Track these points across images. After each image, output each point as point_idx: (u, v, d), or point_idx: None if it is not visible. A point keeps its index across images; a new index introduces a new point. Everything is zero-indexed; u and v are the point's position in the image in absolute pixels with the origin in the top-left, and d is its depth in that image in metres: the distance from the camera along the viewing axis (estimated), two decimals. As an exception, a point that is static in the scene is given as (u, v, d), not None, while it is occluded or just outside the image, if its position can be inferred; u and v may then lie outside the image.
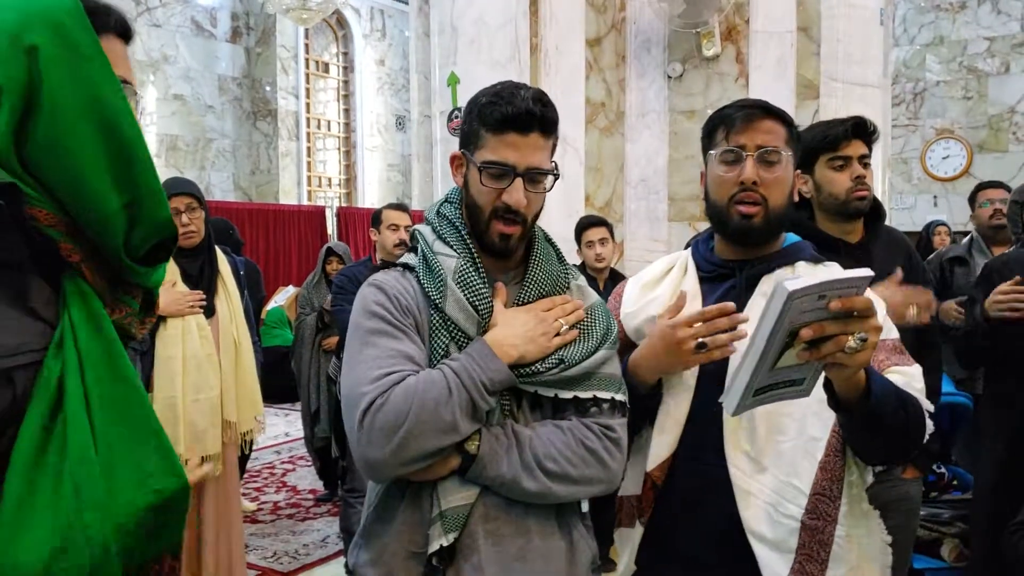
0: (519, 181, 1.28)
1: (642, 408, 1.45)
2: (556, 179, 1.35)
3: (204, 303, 2.84)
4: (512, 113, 1.25)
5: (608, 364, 1.33)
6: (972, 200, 3.86)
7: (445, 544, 1.21)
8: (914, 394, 1.36)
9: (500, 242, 1.30)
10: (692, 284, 1.50)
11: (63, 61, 0.88)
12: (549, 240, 1.42)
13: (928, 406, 1.36)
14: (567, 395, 1.28)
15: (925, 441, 1.49)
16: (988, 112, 9.13)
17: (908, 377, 1.39)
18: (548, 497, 1.25)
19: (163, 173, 7.94)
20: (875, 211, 2.09)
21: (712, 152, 1.48)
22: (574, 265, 3.75)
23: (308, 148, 10.71)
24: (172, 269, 2.86)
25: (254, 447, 4.38)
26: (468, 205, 1.33)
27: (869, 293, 1.27)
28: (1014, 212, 3.13)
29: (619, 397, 1.32)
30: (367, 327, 1.27)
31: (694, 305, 1.47)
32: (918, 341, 2.09)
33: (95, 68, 0.90)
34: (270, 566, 3.77)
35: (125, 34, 1.02)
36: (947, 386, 3.13)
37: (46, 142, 0.89)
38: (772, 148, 1.42)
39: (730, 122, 1.44)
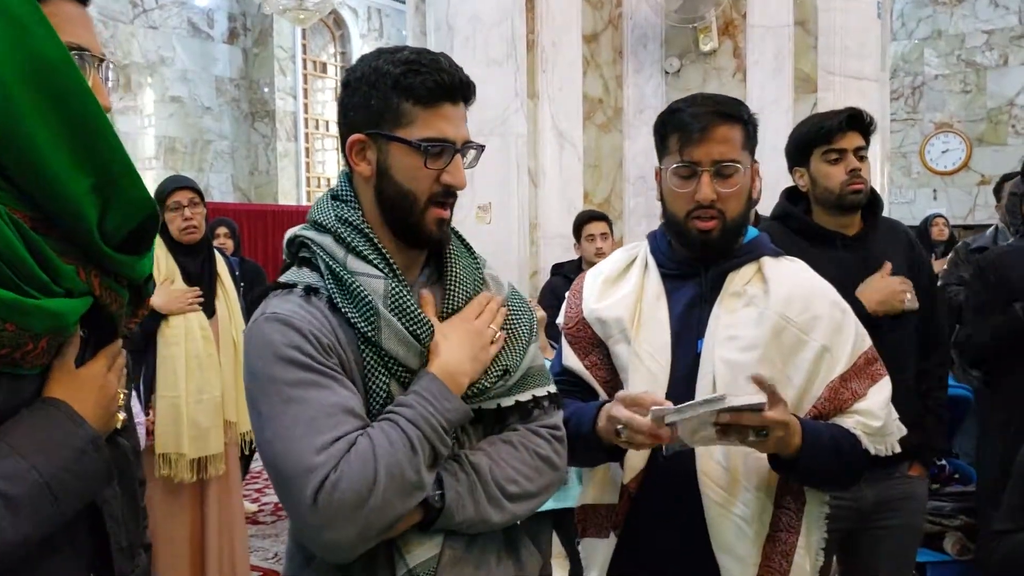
0: (459, 158, 1.14)
1: (607, 459, 1.42)
2: (481, 151, 1.19)
3: (202, 299, 2.86)
4: (448, 82, 1.11)
5: (537, 357, 1.24)
6: (998, 191, 3.90)
7: None
8: (861, 436, 1.36)
9: (438, 229, 1.15)
10: (655, 283, 1.47)
11: (2, 35, 0.80)
12: (454, 229, 1.25)
13: (868, 446, 1.37)
14: (509, 402, 1.18)
15: (933, 439, 1.49)
16: (987, 105, 9.12)
17: (865, 415, 1.37)
18: (512, 521, 1.18)
19: (162, 175, 7.86)
20: (873, 203, 2.07)
21: (665, 162, 1.43)
22: (573, 260, 3.74)
23: (307, 149, 10.69)
24: (171, 267, 2.87)
25: (255, 448, 4.38)
26: (389, 196, 1.13)
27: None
28: (1013, 204, 3.13)
29: (552, 390, 1.24)
30: (286, 378, 1.04)
31: (660, 306, 1.45)
32: (925, 337, 2.08)
33: (38, 38, 0.81)
34: (271, 567, 3.76)
35: None
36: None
37: None
38: (728, 162, 1.37)
39: (684, 132, 1.38)
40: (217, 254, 3.07)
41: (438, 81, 1.10)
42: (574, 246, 3.65)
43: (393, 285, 1.11)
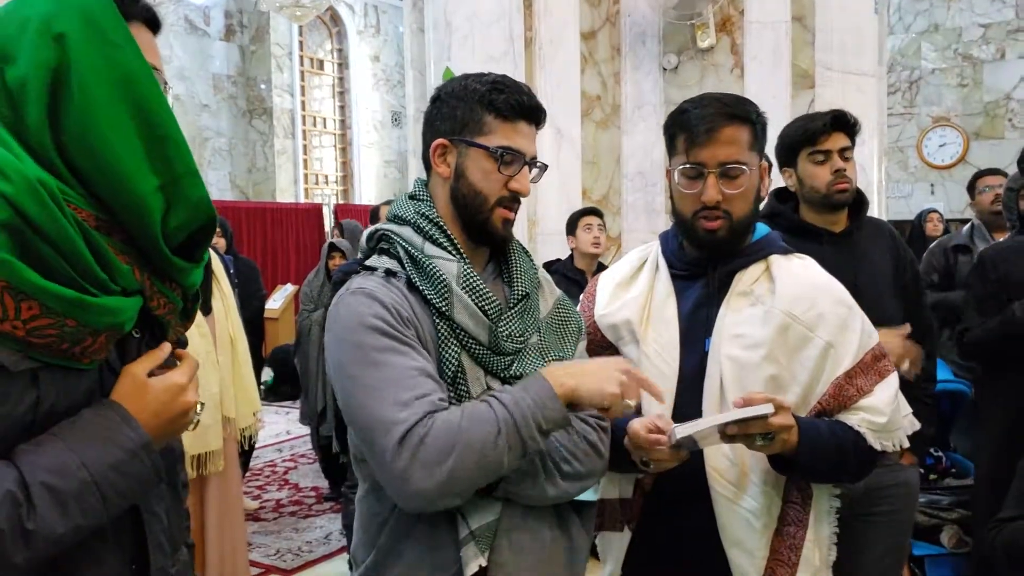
0: (526, 169, 1.28)
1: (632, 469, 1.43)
2: (543, 171, 1.34)
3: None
4: (528, 104, 1.26)
5: (584, 355, 1.37)
6: (971, 188, 3.90)
7: (483, 564, 1.18)
8: (865, 432, 1.37)
9: (504, 228, 1.29)
10: (664, 284, 1.49)
11: (92, 48, 0.89)
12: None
13: (873, 442, 1.38)
14: None
15: (921, 427, 1.52)
16: (984, 99, 9.13)
17: (870, 412, 1.38)
18: (564, 498, 1.26)
19: (159, 173, 7.87)
20: (858, 201, 2.12)
21: (673, 162, 1.44)
22: (565, 259, 3.73)
23: (304, 146, 10.70)
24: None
25: (255, 445, 4.40)
26: (463, 195, 1.27)
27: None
28: (1009, 199, 3.14)
29: None
30: (372, 344, 1.17)
31: (668, 305, 1.47)
32: (913, 328, 2.12)
33: (125, 54, 0.91)
34: (273, 563, 3.78)
35: (152, 23, 1.03)
36: (945, 373, 3.14)
37: (78, 127, 0.89)
38: (734, 163, 1.38)
39: (691, 133, 1.39)
40: (212, 252, 3.09)
41: (519, 100, 1.25)
42: (568, 239, 3.66)
43: (464, 267, 1.24)
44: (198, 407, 1.00)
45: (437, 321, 1.22)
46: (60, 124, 0.89)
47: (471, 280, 1.23)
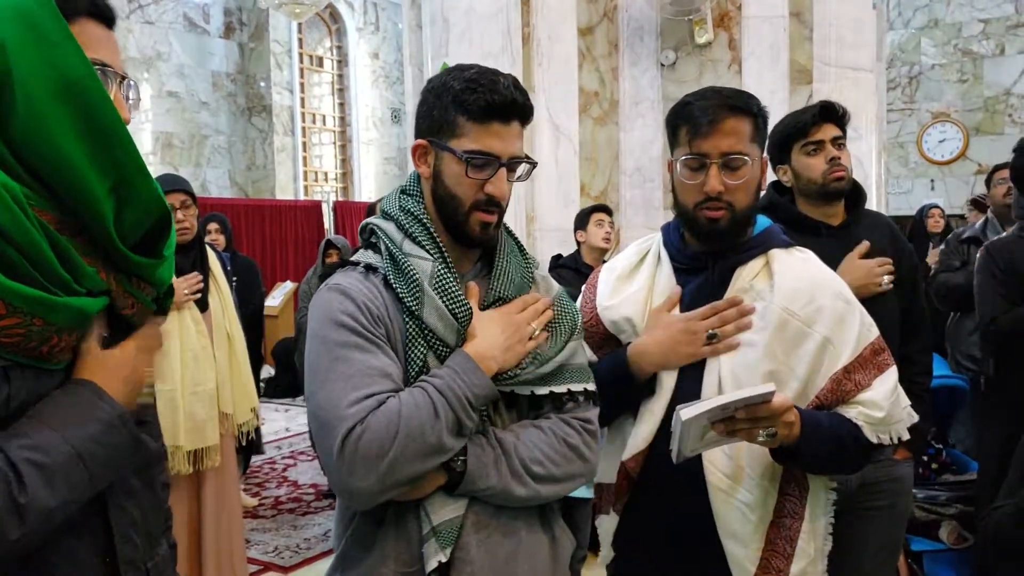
0: (503, 172, 1.24)
1: (633, 399, 1.45)
2: (532, 167, 1.30)
3: (201, 284, 2.88)
4: (498, 102, 1.20)
5: (578, 355, 1.32)
6: (988, 181, 3.93)
7: (444, 560, 1.17)
8: (862, 425, 1.38)
9: (481, 231, 1.25)
10: (667, 277, 1.49)
11: (33, 50, 0.87)
12: (509, 231, 1.37)
13: (870, 436, 1.39)
14: (543, 391, 1.26)
15: (918, 423, 1.52)
16: (984, 95, 9.13)
17: (867, 406, 1.39)
18: (537, 500, 1.24)
19: (158, 170, 7.87)
20: (856, 193, 2.12)
21: (676, 153, 1.45)
22: (571, 254, 3.75)
23: (303, 143, 10.69)
24: (165, 264, 2.89)
25: (252, 440, 4.39)
26: (440, 196, 1.25)
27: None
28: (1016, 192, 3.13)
29: (590, 387, 1.31)
30: (336, 339, 1.17)
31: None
32: (907, 324, 2.12)
33: (64, 53, 0.89)
34: (272, 560, 3.78)
35: (103, 17, 1.01)
36: (943, 368, 3.14)
37: (27, 133, 0.88)
38: (736, 154, 1.38)
39: (694, 124, 1.40)
40: (208, 250, 3.09)
41: (490, 101, 1.20)
42: (577, 234, 3.66)
43: (439, 268, 1.23)
44: (147, 374, 1.02)
45: (407, 319, 1.21)
46: (9, 130, 0.88)
47: (444, 281, 1.22)
